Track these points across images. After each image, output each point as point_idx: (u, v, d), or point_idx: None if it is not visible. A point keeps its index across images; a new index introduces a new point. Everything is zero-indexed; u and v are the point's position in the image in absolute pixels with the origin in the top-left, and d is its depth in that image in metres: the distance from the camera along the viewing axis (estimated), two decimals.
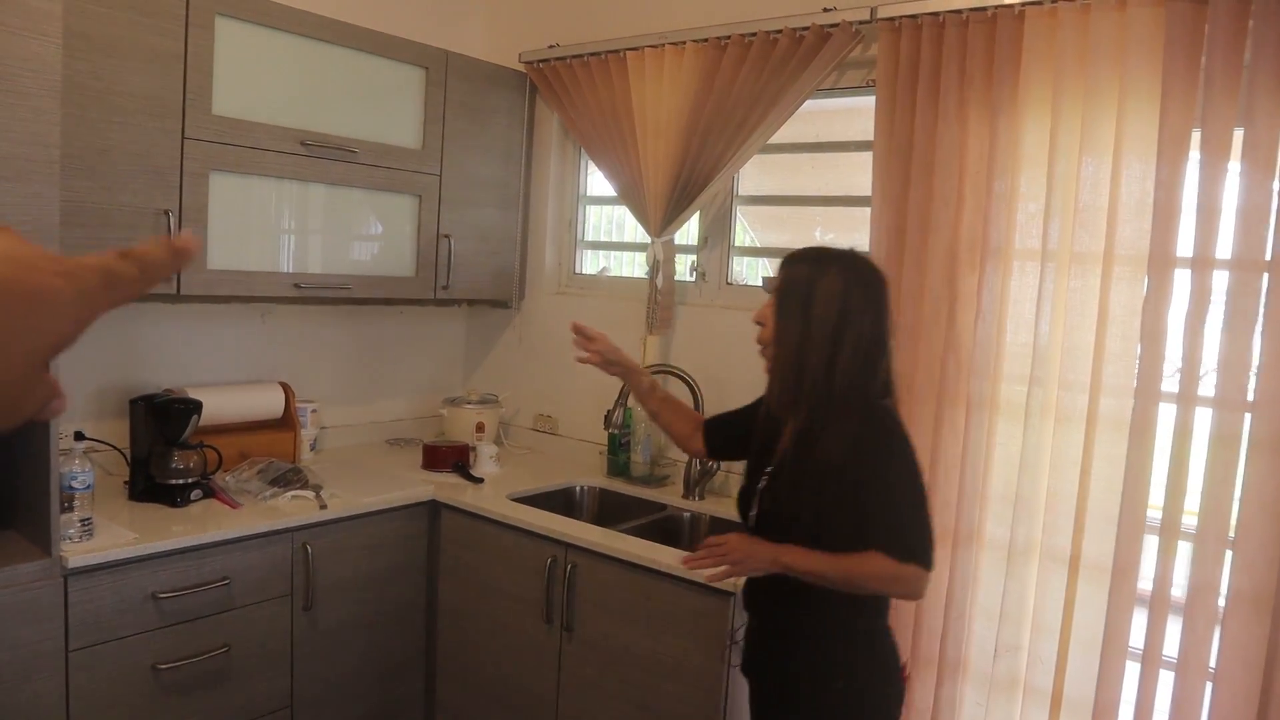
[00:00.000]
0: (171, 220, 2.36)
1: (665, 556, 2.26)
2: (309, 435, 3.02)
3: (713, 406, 2.86)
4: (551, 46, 3.15)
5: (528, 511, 2.61)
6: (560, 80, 3.15)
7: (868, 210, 2.47)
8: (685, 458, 2.94)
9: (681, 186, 2.87)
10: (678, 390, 2.91)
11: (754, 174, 2.99)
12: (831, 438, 1.68)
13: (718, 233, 3.00)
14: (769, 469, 1.80)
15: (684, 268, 3.09)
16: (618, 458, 3.05)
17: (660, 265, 2.93)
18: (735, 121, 2.73)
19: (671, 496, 2.88)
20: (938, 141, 2.31)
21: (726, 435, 2.08)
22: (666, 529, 2.76)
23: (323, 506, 2.47)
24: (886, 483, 1.67)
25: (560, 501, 2.96)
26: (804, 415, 1.72)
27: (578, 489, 3.03)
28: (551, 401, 3.39)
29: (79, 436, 2.56)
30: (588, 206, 3.43)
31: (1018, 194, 2.23)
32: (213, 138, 2.44)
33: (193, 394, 2.68)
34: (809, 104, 2.66)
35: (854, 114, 2.81)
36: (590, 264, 3.44)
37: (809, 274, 1.71)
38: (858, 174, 2.65)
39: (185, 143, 2.38)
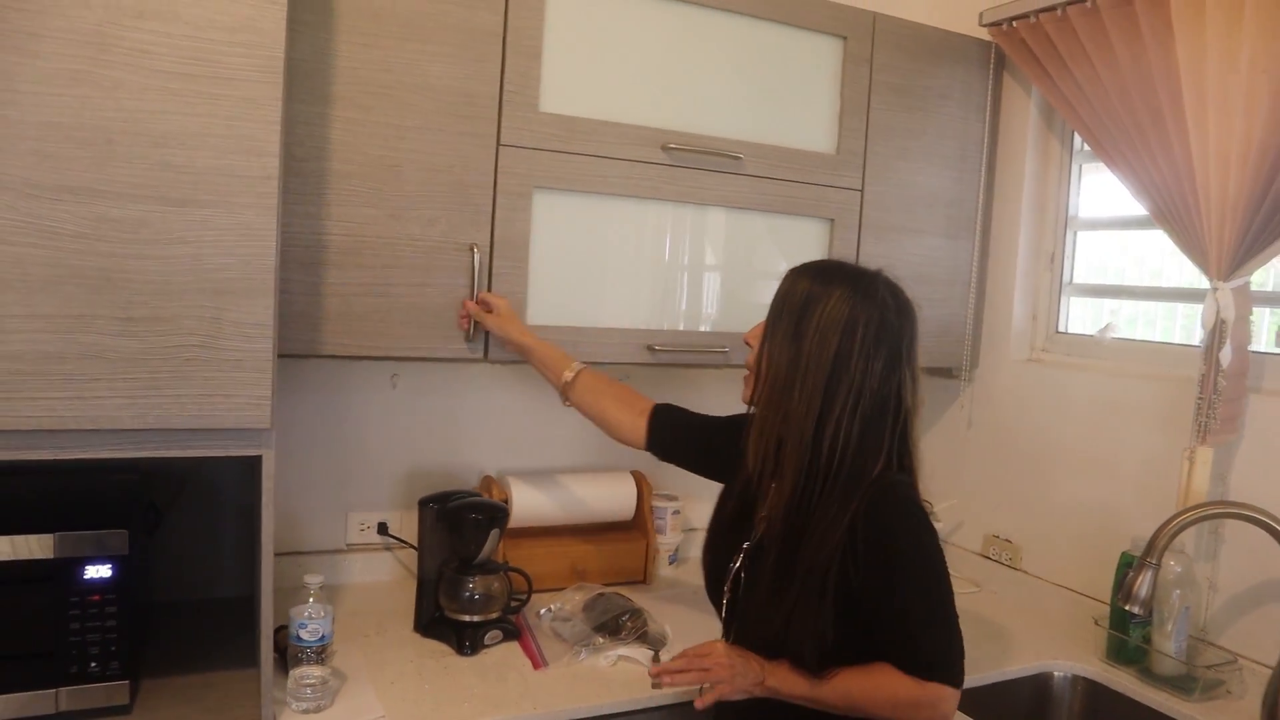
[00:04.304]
0: (478, 258, 1.70)
1: None
2: (668, 544, 2.25)
3: None
4: None
5: None
6: (1047, 44, 2.07)
7: None
8: (1256, 652, 1.75)
9: (1275, 196, 1.66)
10: (1251, 542, 1.70)
11: None
12: (828, 525, 1.30)
13: None
14: (746, 544, 1.46)
15: (1265, 330, 1.85)
16: (1127, 637, 1.88)
17: (1227, 328, 1.73)
18: None
19: None
20: None
21: (681, 432, 1.70)
22: None
23: (656, 685, 1.65)
24: (900, 583, 1.29)
25: (1025, 698, 1.87)
26: (788, 487, 1.34)
27: (1056, 679, 1.91)
28: (1014, 520, 2.29)
29: (382, 530, 2.05)
30: (1080, 233, 2.29)
31: None
32: (539, 144, 1.76)
33: (516, 486, 2.04)
34: None
35: None
36: (1084, 319, 2.29)
37: (808, 291, 1.35)
38: None
39: (500, 151, 1.73)
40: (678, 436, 1.71)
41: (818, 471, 1.33)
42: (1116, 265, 2.25)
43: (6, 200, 1.17)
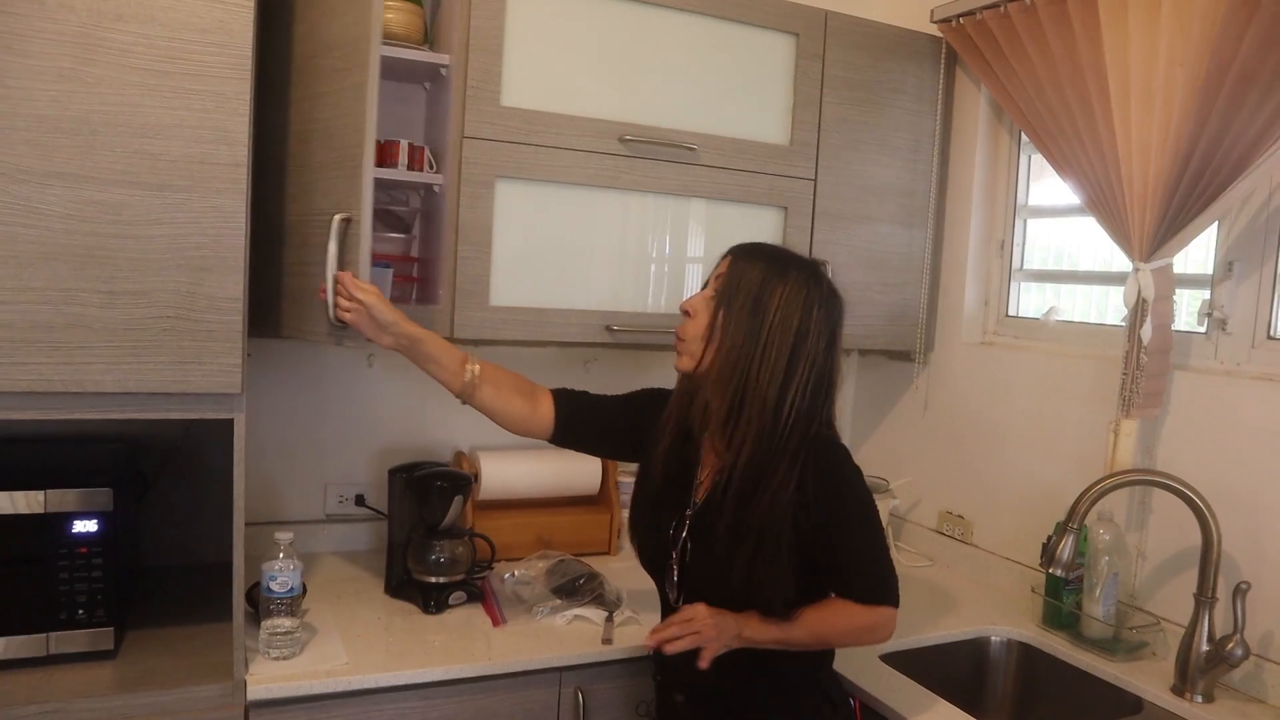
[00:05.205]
0: (341, 229, 1.50)
1: None
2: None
3: (1247, 556, 1.74)
4: None
5: (907, 689, 1.69)
6: (991, 40, 2.17)
7: None
8: (1179, 616, 1.84)
9: (1189, 181, 1.76)
10: (1176, 512, 1.80)
11: None
12: (781, 480, 1.45)
13: (1251, 255, 1.83)
14: (689, 510, 1.56)
15: (1187, 311, 1.95)
16: (1060, 603, 1.99)
17: (1148, 306, 1.83)
18: None
19: (1151, 681, 1.76)
20: None
21: (587, 413, 1.70)
22: None
23: (607, 640, 1.77)
24: (849, 523, 1.47)
25: (964, 660, 1.98)
26: (747, 449, 1.46)
27: (993, 643, 2.02)
28: (966, 497, 2.39)
29: (359, 501, 2.18)
30: (1029, 221, 2.40)
31: None
32: (500, 136, 1.88)
33: (486, 461, 2.16)
34: None
35: None
36: (1031, 303, 2.39)
37: (764, 273, 1.48)
38: None
39: (464, 143, 1.84)
40: (584, 418, 1.69)
41: (776, 435, 1.47)
42: (1066, 250, 2.35)
43: (0, 184, 1.30)
